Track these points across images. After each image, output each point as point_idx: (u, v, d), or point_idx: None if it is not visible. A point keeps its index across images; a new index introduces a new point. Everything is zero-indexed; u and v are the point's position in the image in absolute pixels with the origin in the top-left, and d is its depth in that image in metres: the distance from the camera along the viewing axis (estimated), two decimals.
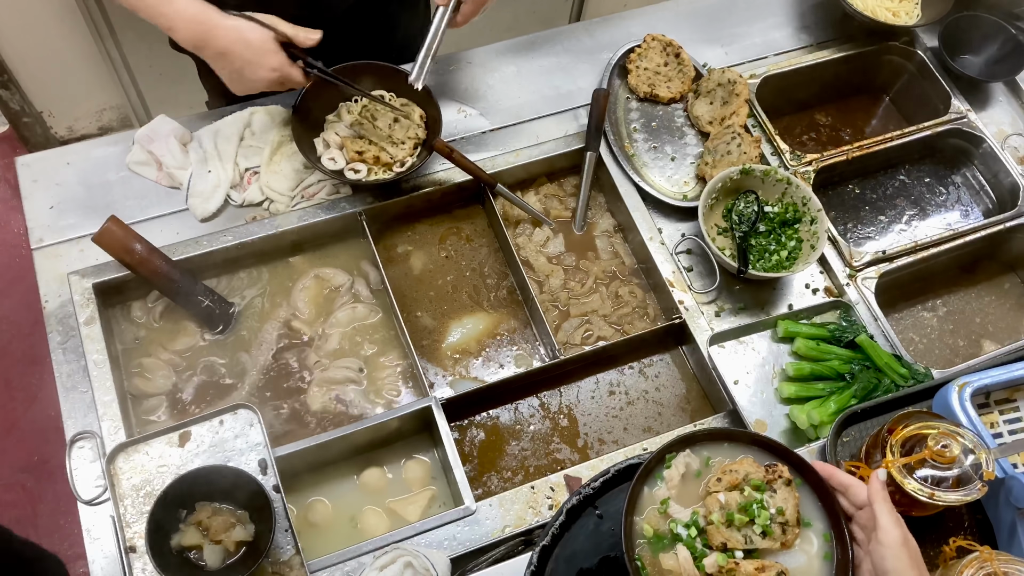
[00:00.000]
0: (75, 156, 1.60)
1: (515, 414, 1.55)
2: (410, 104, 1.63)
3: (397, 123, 1.60)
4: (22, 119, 2.80)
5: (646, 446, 1.44)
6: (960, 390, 1.28)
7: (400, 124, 1.60)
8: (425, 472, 1.45)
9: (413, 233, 1.70)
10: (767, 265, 1.59)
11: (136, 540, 1.26)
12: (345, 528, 1.40)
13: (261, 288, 1.59)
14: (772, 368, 1.53)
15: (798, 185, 1.60)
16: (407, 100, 1.64)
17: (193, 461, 1.31)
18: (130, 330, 1.53)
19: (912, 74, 1.91)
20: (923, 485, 1.15)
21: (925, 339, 1.72)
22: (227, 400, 1.48)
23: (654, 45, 1.79)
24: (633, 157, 1.73)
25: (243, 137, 1.62)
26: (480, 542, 1.33)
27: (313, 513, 1.41)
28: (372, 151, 1.57)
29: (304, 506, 1.41)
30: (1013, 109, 1.88)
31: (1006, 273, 1.80)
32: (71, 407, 1.38)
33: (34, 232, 1.53)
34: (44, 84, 2.72)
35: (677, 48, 1.79)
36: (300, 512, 1.40)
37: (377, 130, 1.59)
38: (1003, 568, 1.10)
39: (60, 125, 2.91)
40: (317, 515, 1.41)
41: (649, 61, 1.79)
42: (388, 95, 1.63)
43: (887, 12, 1.87)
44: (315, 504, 1.42)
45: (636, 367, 1.62)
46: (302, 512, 1.40)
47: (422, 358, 1.57)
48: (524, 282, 1.61)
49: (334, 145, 1.59)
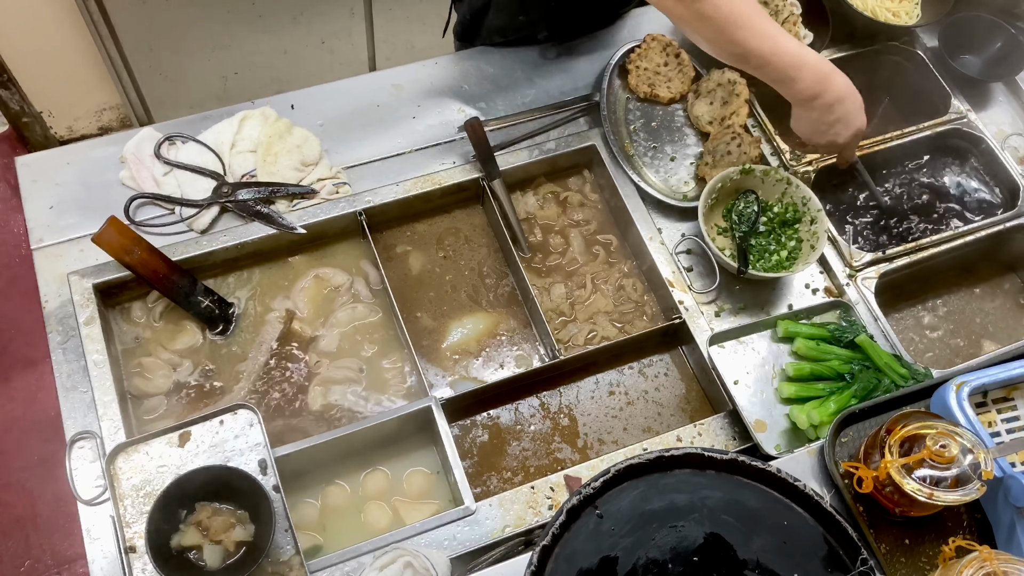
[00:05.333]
0: (75, 156, 1.60)
1: (515, 414, 1.55)
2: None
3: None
4: (22, 119, 2.80)
5: (646, 446, 1.44)
6: (957, 389, 1.28)
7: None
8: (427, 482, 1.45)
9: (412, 233, 1.70)
10: (767, 265, 1.59)
11: (136, 540, 1.26)
12: (345, 528, 1.40)
13: (260, 288, 1.59)
14: (772, 368, 1.53)
15: (798, 185, 1.61)
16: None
17: (193, 461, 1.31)
18: (130, 330, 1.53)
19: (912, 74, 1.91)
20: (922, 485, 1.15)
21: (925, 339, 1.72)
22: (227, 400, 1.48)
23: (654, 45, 1.79)
24: (633, 157, 1.73)
25: (234, 144, 1.62)
26: (480, 542, 1.33)
27: (313, 513, 1.41)
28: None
29: (304, 506, 1.41)
30: (1013, 109, 1.88)
31: (1006, 273, 1.80)
32: (71, 407, 1.38)
33: (34, 232, 1.53)
34: (44, 84, 2.73)
35: (677, 48, 1.79)
36: (300, 512, 1.40)
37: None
38: (1003, 568, 1.10)
39: (60, 125, 2.91)
40: (316, 515, 1.41)
41: (649, 61, 1.79)
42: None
43: (887, 12, 1.87)
44: (315, 504, 1.42)
45: (636, 367, 1.62)
46: (302, 512, 1.40)
47: (422, 358, 1.57)
48: (524, 282, 1.61)
49: None
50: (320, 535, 1.38)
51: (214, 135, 1.63)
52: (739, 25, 1.35)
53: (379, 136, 1.69)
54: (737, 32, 1.36)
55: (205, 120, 1.65)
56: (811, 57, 1.42)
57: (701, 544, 1.15)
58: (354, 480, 1.44)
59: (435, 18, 1.91)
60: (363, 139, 1.69)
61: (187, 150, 1.61)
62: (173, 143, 1.62)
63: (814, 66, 1.42)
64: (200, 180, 1.58)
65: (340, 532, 1.39)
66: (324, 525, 1.40)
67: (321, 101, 1.71)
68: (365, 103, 1.73)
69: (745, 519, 1.16)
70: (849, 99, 1.47)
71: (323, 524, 1.40)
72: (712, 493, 1.17)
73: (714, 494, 1.17)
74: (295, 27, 2.73)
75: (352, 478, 1.44)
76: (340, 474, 1.44)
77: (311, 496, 1.42)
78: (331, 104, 1.71)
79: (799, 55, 1.40)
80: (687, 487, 1.17)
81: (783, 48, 1.39)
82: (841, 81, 1.45)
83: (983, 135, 1.81)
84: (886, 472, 1.17)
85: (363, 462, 1.45)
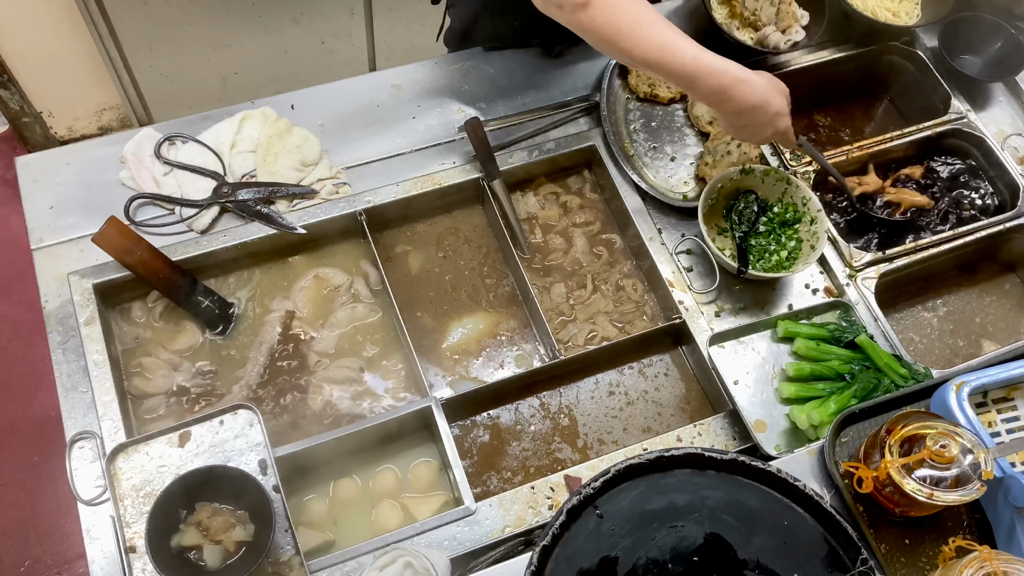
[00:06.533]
0: (75, 156, 1.60)
1: (515, 414, 1.55)
2: None
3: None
4: (22, 119, 2.80)
5: (646, 446, 1.44)
6: (957, 389, 1.28)
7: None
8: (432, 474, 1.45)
9: (412, 233, 1.70)
10: (767, 265, 1.59)
11: (136, 540, 1.26)
12: (345, 528, 1.40)
13: (260, 288, 1.59)
14: (772, 368, 1.53)
15: (798, 185, 1.61)
16: None
17: (193, 461, 1.31)
18: (130, 330, 1.53)
19: (912, 74, 1.91)
20: (922, 485, 1.15)
21: (925, 339, 1.72)
22: (227, 400, 1.48)
23: None
24: (633, 157, 1.73)
25: (234, 144, 1.62)
26: (480, 542, 1.33)
27: (312, 513, 1.41)
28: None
29: (303, 505, 1.41)
30: (1013, 109, 1.88)
31: (1006, 273, 1.80)
32: (71, 407, 1.38)
33: (34, 232, 1.53)
34: (44, 84, 2.73)
35: None
36: (299, 512, 1.40)
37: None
38: (1003, 568, 1.10)
39: (60, 125, 2.91)
40: (316, 515, 1.41)
41: None
42: None
43: (887, 12, 1.87)
44: (314, 504, 1.42)
45: (636, 367, 1.62)
46: (301, 512, 1.40)
47: (422, 358, 1.57)
48: (524, 282, 1.61)
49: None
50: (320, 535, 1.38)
51: (214, 135, 1.63)
52: (621, 36, 1.29)
53: (379, 136, 1.69)
54: (620, 42, 1.30)
55: (205, 120, 1.65)
56: (707, 68, 1.32)
57: (701, 544, 1.15)
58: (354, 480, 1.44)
59: (435, 18, 1.91)
60: (363, 139, 1.69)
61: (187, 150, 1.61)
62: (173, 143, 1.62)
63: (710, 77, 1.33)
64: (200, 180, 1.58)
65: (340, 532, 1.39)
66: (324, 525, 1.40)
67: (321, 101, 1.71)
68: (365, 103, 1.73)
69: (745, 519, 1.16)
70: (760, 109, 1.38)
71: (322, 524, 1.40)
72: (712, 493, 1.17)
73: (714, 494, 1.17)
74: (295, 27, 2.73)
75: (352, 478, 1.44)
76: (340, 474, 1.44)
77: (311, 496, 1.42)
78: (331, 104, 1.72)
79: (692, 66, 1.31)
80: (687, 487, 1.17)
81: (671, 59, 1.31)
82: (747, 92, 1.35)
83: (983, 135, 1.81)
84: (886, 472, 1.17)
85: (363, 462, 1.45)
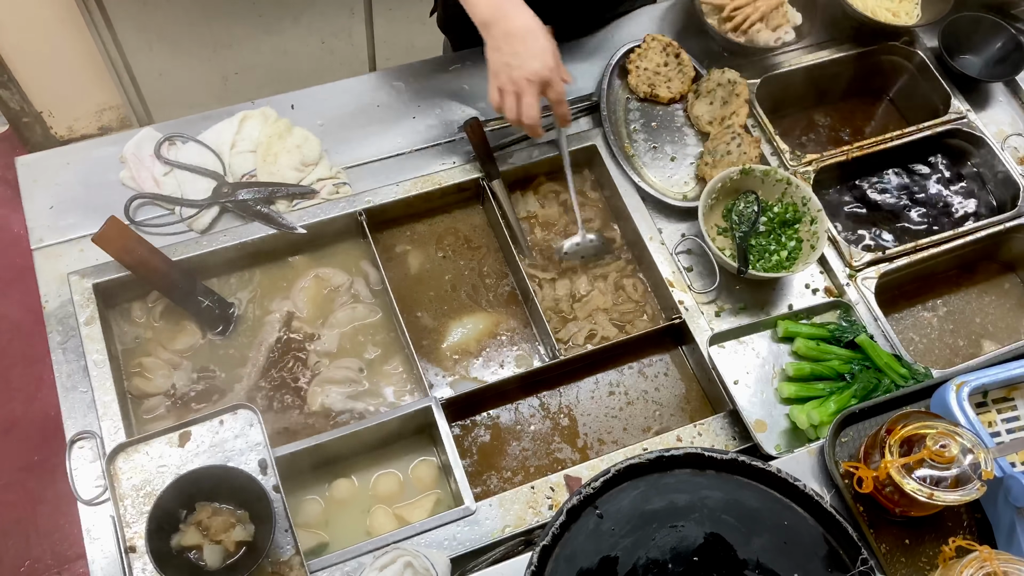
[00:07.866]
0: (75, 156, 1.60)
1: (515, 414, 1.55)
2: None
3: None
4: (22, 119, 2.80)
5: (646, 446, 1.44)
6: (957, 389, 1.28)
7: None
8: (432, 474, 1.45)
9: (412, 233, 1.70)
10: (767, 265, 1.59)
11: (136, 540, 1.26)
12: (345, 528, 1.40)
13: (260, 288, 1.59)
14: (772, 368, 1.53)
15: (798, 185, 1.61)
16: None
17: (193, 461, 1.31)
18: (130, 330, 1.53)
19: (912, 74, 1.91)
20: (922, 485, 1.15)
21: (925, 339, 1.72)
22: (227, 400, 1.48)
23: (654, 45, 1.79)
24: (633, 157, 1.73)
25: (234, 144, 1.62)
26: (480, 542, 1.33)
27: (313, 512, 1.41)
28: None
29: (304, 506, 1.41)
30: (1013, 109, 1.88)
31: (1006, 273, 1.80)
32: (71, 407, 1.38)
33: (34, 232, 1.53)
34: (44, 84, 2.73)
35: (677, 48, 1.79)
36: (299, 512, 1.40)
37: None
38: (1003, 567, 1.10)
39: (60, 125, 2.92)
40: (316, 514, 1.41)
41: (649, 61, 1.79)
42: None
43: (887, 12, 1.87)
44: (314, 503, 1.42)
45: (636, 367, 1.62)
46: (302, 512, 1.40)
47: (422, 358, 1.57)
48: (524, 282, 1.61)
49: None
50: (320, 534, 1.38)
51: (214, 135, 1.63)
52: None
53: (379, 136, 1.69)
54: None
55: (205, 120, 1.65)
56: None
57: (701, 544, 1.15)
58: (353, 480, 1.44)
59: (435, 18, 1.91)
60: (363, 139, 1.68)
61: (187, 150, 1.61)
62: (173, 143, 1.62)
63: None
64: (200, 180, 1.58)
65: (340, 532, 1.39)
66: (324, 524, 1.40)
67: (321, 101, 1.71)
68: (365, 103, 1.73)
69: (745, 519, 1.16)
70: (529, 37, 1.37)
71: (323, 523, 1.40)
72: (712, 493, 1.17)
73: (714, 494, 1.17)
74: (295, 27, 2.73)
75: (353, 478, 1.44)
76: (341, 474, 1.44)
77: (311, 495, 1.42)
78: (331, 104, 1.71)
79: None
80: (687, 487, 1.17)
81: None
82: (522, 18, 1.36)
83: (983, 135, 1.81)
84: (886, 472, 1.17)
85: (363, 462, 1.45)
